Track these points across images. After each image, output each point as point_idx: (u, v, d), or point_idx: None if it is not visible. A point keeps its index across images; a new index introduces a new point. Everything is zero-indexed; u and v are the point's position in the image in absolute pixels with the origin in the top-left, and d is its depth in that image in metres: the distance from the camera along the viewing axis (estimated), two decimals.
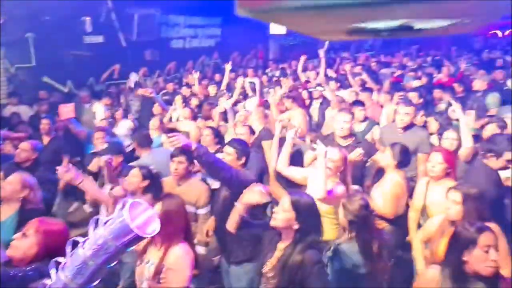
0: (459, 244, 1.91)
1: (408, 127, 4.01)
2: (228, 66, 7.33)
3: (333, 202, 2.80)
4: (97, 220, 1.61)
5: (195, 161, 3.07)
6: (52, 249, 1.79)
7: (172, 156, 3.24)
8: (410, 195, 3.28)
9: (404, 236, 3.22)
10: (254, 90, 7.06)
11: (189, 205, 2.93)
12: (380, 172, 3.43)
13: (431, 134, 4.26)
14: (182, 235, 2.32)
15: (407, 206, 3.24)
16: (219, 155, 3.12)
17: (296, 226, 2.08)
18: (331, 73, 8.42)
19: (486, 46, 15.17)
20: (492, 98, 5.42)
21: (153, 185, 3.06)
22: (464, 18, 0.41)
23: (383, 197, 3.07)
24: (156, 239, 2.29)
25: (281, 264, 2.07)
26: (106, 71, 8.71)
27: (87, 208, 4.07)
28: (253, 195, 2.20)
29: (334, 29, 0.49)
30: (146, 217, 1.64)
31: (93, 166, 3.83)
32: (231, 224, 2.38)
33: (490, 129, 3.93)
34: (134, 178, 3.05)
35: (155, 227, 1.67)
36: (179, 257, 2.23)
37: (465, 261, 1.87)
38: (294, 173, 3.25)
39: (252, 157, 3.30)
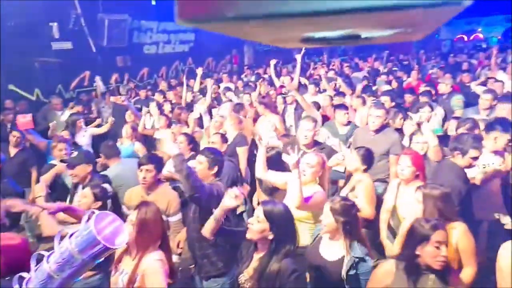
0: (414, 239, 2.01)
1: (380, 129, 4.10)
2: (199, 71, 7.30)
3: (313, 208, 2.75)
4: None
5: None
6: (14, 265, 1.71)
7: (140, 164, 3.12)
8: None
9: (376, 237, 3.27)
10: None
11: None
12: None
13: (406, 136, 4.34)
14: (158, 243, 2.28)
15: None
16: (191, 163, 3.06)
17: (271, 236, 2.08)
18: (304, 80, 8.51)
19: (453, 50, 15.80)
20: (456, 101, 5.60)
21: (106, 207, 2.83)
22: (407, 28, 0.43)
23: (359, 199, 3.08)
24: (132, 248, 2.25)
25: (258, 274, 2.07)
26: (76, 78, 8.48)
27: None
28: (230, 200, 2.30)
29: (285, 37, 0.49)
30: (113, 228, 1.59)
31: (47, 176, 3.64)
32: (206, 230, 2.44)
33: (460, 132, 4.04)
34: (84, 199, 2.78)
35: (123, 238, 1.63)
36: (153, 262, 2.18)
37: (418, 255, 1.97)
38: (274, 178, 3.17)
39: (225, 166, 3.26)
